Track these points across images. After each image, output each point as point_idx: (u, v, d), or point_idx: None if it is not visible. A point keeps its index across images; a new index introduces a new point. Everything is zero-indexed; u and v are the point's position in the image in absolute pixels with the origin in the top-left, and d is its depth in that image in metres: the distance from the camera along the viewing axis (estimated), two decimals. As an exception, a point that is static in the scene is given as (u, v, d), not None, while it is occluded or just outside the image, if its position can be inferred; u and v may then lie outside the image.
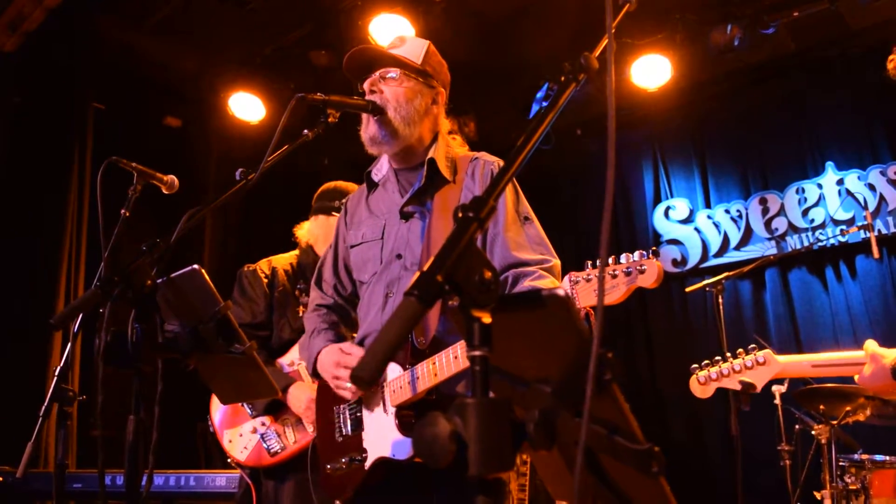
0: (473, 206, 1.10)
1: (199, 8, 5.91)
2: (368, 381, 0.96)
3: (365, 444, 2.53)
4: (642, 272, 2.03)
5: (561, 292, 1.03)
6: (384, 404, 2.47)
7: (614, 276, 2.07)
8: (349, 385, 2.50)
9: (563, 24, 5.70)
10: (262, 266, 3.77)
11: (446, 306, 2.39)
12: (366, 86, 2.63)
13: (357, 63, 2.62)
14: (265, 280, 3.71)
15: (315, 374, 2.69)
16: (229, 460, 3.60)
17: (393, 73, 2.60)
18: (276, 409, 3.53)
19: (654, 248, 2.11)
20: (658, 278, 2.04)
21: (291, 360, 3.62)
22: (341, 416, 2.63)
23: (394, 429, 2.41)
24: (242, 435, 3.55)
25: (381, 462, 2.45)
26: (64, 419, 2.68)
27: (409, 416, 2.41)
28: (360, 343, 2.66)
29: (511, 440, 1.01)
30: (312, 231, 3.79)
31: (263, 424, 3.55)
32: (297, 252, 3.86)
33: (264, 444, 3.50)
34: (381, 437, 2.46)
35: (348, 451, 2.57)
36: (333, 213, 3.70)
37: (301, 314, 3.68)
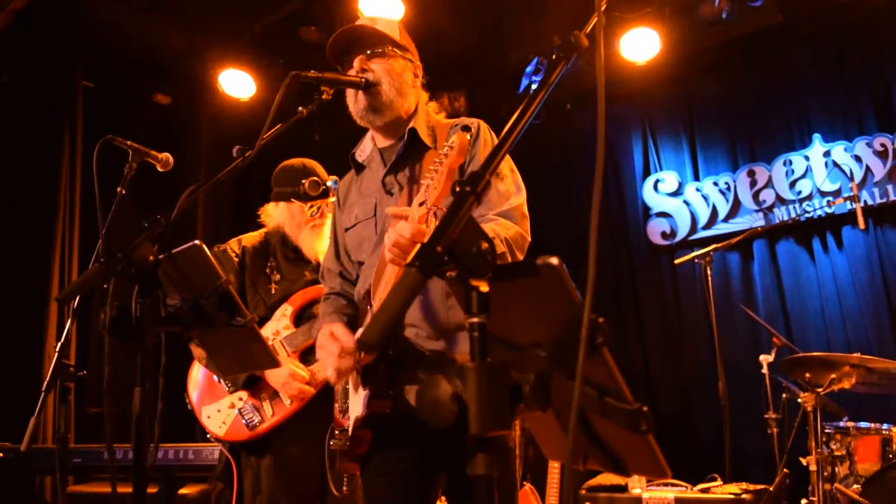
0: (470, 180, 1.15)
1: (188, -16, 5.90)
2: (373, 346, 1.02)
3: (350, 412, 2.59)
4: (452, 148, 2.05)
5: (555, 261, 1.08)
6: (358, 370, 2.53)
7: (436, 171, 2.07)
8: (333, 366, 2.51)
9: (552, -2, 5.70)
10: (233, 245, 3.78)
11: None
12: (356, 64, 2.65)
13: (342, 44, 2.65)
14: (236, 259, 3.72)
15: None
16: (209, 436, 3.63)
17: (381, 49, 2.64)
18: (253, 384, 3.56)
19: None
20: (461, 149, 2.03)
21: (265, 336, 3.62)
22: (341, 392, 2.70)
23: (359, 385, 2.46)
24: (220, 410, 3.58)
25: (361, 424, 2.49)
26: (65, 395, 2.73)
27: (371, 371, 2.44)
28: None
29: (509, 401, 1.06)
30: (275, 217, 3.79)
31: (241, 399, 3.57)
32: (265, 230, 3.86)
33: (243, 419, 3.53)
34: (356, 399, 2.53)
35: (344, 424, 2.64)
36: (293, 200, 3.72)
37: (273, 292, 3.71)
